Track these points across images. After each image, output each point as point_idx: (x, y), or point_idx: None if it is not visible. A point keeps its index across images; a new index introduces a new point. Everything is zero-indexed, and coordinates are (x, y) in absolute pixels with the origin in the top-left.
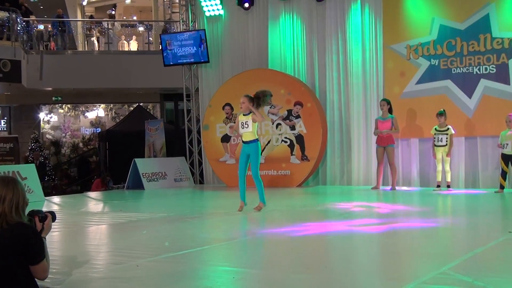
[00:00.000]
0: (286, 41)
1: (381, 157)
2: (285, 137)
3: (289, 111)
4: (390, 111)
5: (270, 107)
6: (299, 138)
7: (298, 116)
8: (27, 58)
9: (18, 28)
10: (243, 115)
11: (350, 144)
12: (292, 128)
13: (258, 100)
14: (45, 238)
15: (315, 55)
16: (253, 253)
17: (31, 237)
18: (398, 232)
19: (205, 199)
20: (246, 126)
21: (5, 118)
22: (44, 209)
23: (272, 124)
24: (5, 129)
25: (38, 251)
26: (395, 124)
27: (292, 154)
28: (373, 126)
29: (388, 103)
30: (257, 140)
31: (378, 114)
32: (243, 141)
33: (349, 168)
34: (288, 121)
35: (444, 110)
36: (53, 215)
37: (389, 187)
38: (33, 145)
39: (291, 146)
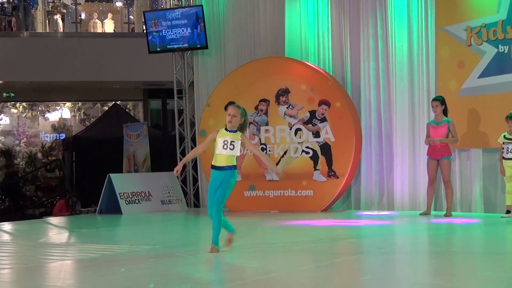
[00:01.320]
0: (308, 21)
1: (434, 174)
2: (307, 147)
3: (312, 113)
4: (445, 113)
5: (287, 107)
6: (325, 148)
7: (324, 119)
8: None
9: None
10: (228, 131)
11: (392, 156)
12: (316, 134)
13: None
14: None
15: (345, 39)
16: None
17: None
18: None
19: (201, 227)
20: (231, 147)
21: None
22: None
23: (290, 129)
24: None
25: None
26: (452, 130)
27: (315, 169)
28: (422, 133)
29: (443, 102)
30: (235, 167)
31: (429, 117)
32: (215, 166)
33: (390, 187)
34: (310, 125)
35: None
36: None
37: (442, 214)
38: None
39: (315, 158)
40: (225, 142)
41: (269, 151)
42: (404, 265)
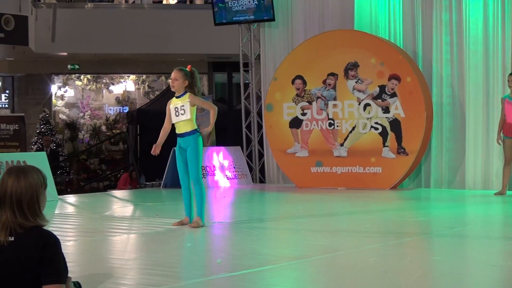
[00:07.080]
0: None
1: (510, 152)
2: (376, 122)
3: (382, 88)
4: None
5: (356, 82)
6: (395, 124)
7: (394, 95)
8: (36, 13)
9: None
10: (176, 97)
11: (465, 133)
12: (386, 110)
13: (193, 77)
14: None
15: (417, 12)
16: (333, 277)
17: (53, 245)
18: None
19: (267, 203)
20: (182, 112)
21: (7, 91)
22: (57, 211)
23: (359, 104)
24: (7, 105)
25: (62, 265)
26: None
27: (384, 146)
28: (496, 109)
29: None
30: (196, 131)
31: (504, 92)
32: (177, 134)
33: (462, 166)
34: (380, 100)
35: None
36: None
37: None
38: (43, 127)
39: (384, 134)
40: (176, 109)
41: (337, 126)
42: (476, 246)
